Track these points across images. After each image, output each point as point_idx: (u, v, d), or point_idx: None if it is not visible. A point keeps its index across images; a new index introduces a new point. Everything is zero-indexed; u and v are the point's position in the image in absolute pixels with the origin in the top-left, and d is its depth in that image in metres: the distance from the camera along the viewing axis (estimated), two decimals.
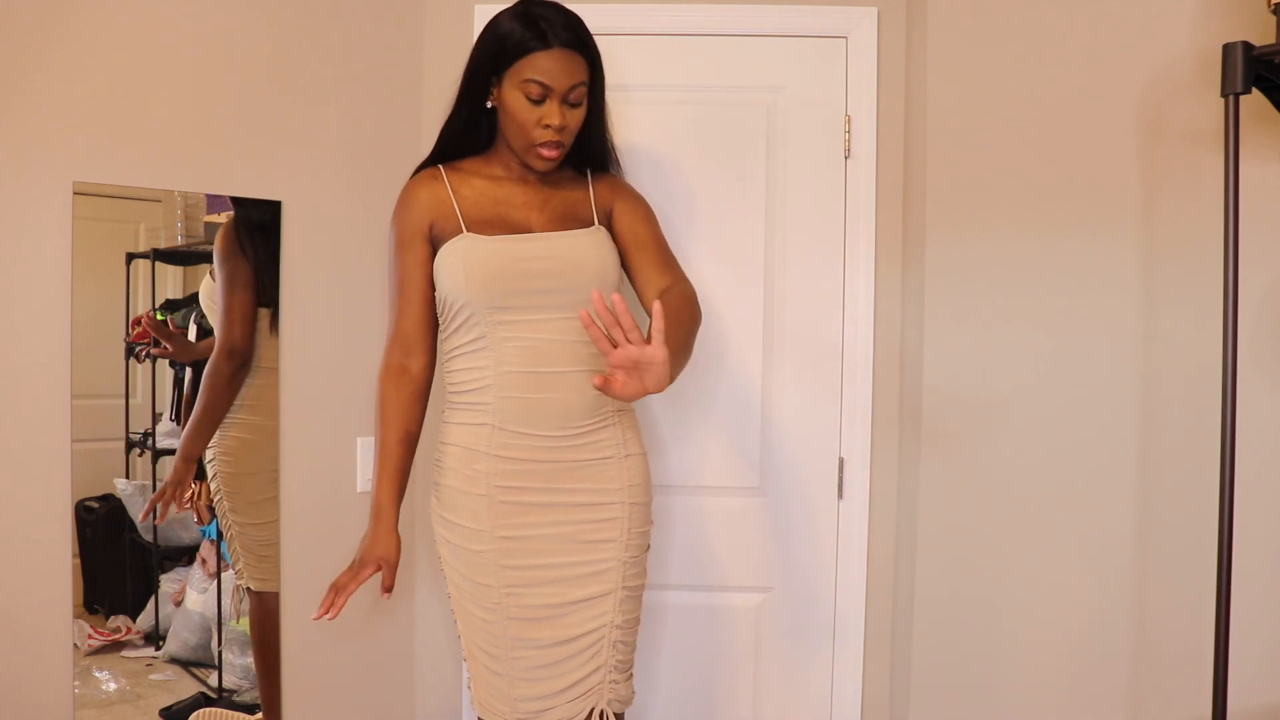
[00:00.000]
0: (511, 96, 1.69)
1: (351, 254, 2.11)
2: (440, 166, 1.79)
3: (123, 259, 1.88)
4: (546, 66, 1.66)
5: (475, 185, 1.76)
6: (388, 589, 1.70)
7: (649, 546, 1.82)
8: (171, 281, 1.96)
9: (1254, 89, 1.52)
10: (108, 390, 1.88)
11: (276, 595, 2.04)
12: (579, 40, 1.69)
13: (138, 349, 1.90)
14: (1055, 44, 2.03)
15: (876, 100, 2.19)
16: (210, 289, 1.98)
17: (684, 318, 1.71)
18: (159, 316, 1.93)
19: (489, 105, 1.75)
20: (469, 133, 1.78)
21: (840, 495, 2.23)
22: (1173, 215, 1.87)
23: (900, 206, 2.21)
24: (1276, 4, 1.48)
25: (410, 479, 1.79)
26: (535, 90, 1.67)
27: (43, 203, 1.74)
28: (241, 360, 1.99)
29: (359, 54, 2.12)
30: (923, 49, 2.21)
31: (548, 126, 1.68)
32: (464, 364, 1.72)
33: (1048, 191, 2.04)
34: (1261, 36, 1.61)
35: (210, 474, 1.98)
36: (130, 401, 1.91)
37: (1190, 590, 1.80)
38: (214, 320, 1.98)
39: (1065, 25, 2.01)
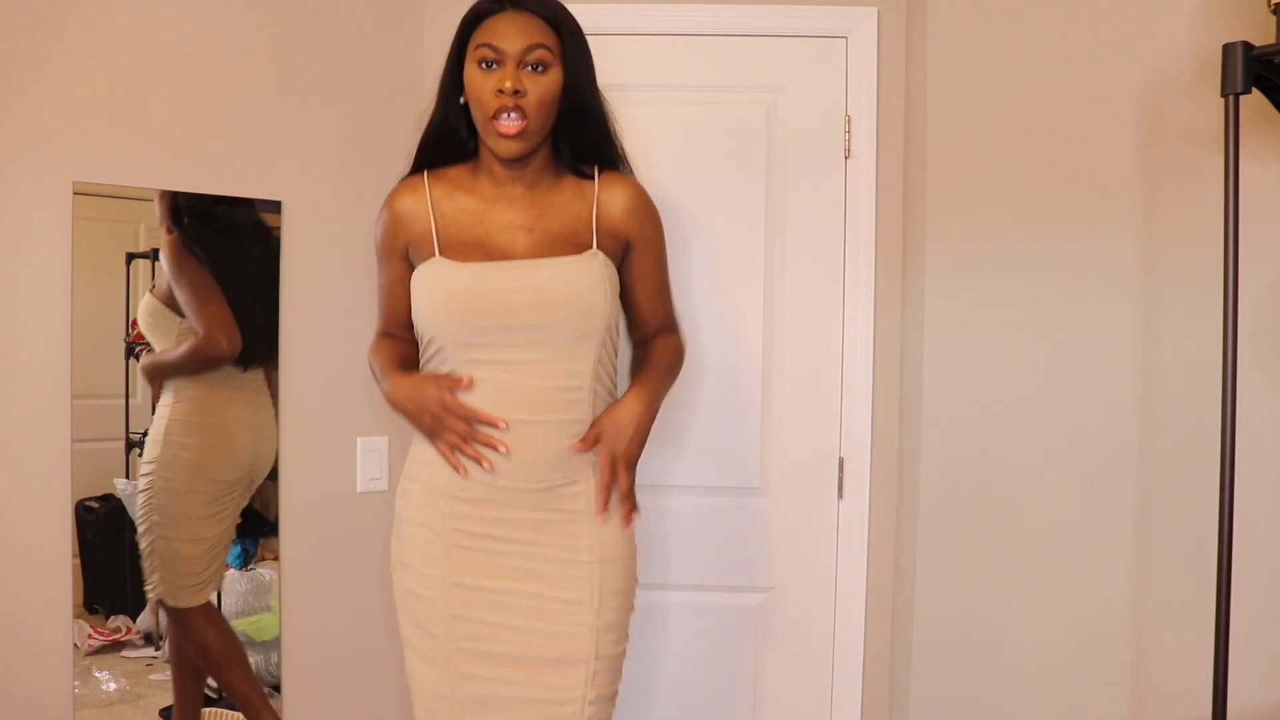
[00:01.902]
0: (469, 71, 1.55)
1: (351, 254, 2.10)
2: (424, 175, 1.65)
3: (123, 259, 1.88)
4: (496, 27, 1.53)
5: (459, 201, 1.61)
6: (465, 382, 1.53)
7: (632, 608, 1.67)
8: None
9: (1254, 89, 1.52)
10: (108, 390, 1.88)
11: (195, 610, 1.97)
12: (538, 3, 1.56)
13: (137, 349, 1.90)
14: (1055, 44, 2.03)
15: (876, 100, 2.19)
16: (151, 308, 1.90)
17: (664, 369, 1.70)
18: None
19: (462, 101, 1.60)
20: (449, 136, 1.64)
21: (840, 495, 2.23)
22: (1173, 215, 1.87)
23: (900, 207, 2.21)
24: (1276, 4, 1.48)
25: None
26: (487, 53, 1.52)
27: (43, 203, 1.75)
28: (227, 356, 1.95)
29: (359, 54, 2.12)
30: (923, 49, 2.21)
31: (501, 91, 1.50)
32: None
33: (1048, 192, 2.04)
34: (1261, 36, 1.61)
35: (143, 484, 1.89)
36: (130, 401, 1.91)
37: (1190, 590, 1.79)
38: (159, 343, 1.91)
39: (1065, 25, 2.01)
